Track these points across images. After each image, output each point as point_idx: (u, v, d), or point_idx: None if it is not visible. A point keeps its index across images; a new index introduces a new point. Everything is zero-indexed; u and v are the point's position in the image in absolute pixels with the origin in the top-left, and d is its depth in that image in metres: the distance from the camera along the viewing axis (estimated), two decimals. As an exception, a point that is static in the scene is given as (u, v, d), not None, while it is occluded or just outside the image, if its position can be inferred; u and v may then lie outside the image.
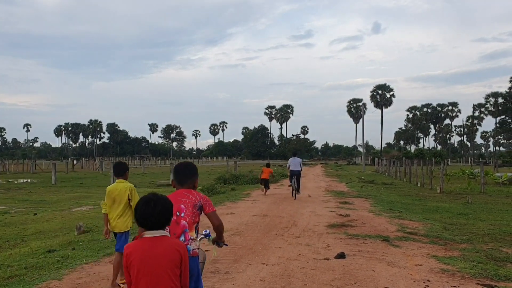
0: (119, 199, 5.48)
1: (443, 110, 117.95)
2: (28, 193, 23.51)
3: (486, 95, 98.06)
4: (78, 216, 13.64)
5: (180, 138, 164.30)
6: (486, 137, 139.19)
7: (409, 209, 14.16)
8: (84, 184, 30.59)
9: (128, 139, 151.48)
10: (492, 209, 14.31)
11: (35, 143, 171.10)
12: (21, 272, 6.40)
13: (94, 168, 58.51)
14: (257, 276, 5.95)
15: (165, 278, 2.41)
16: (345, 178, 33.83)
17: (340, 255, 7.04)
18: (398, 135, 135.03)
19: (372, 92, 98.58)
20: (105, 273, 6.14)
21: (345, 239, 8.64)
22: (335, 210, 13.15)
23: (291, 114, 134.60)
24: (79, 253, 7.53)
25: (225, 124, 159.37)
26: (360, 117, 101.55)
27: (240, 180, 26.53)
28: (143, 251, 2.44)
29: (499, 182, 25.39)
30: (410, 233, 9.29)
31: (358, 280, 5.80)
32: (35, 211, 15.43)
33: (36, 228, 11.59)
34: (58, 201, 19.11)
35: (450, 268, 6.42)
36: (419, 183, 26.85)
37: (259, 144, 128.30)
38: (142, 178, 37.46)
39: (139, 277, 2.42)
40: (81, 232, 9.97)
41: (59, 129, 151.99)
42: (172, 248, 2.48)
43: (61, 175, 38.71)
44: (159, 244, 2.47)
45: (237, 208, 13.48)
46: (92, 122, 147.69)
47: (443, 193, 20.63)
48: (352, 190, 21.06)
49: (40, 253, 7.86)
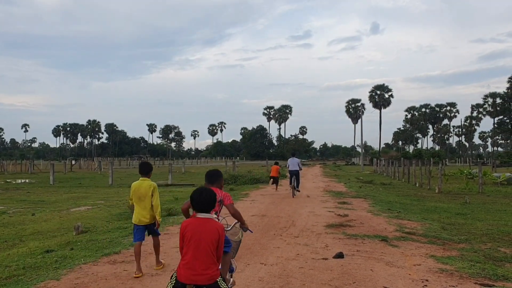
0: (144, 195, 6.11)
1: (441, 110, 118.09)
2: (26, 193, 23.46)
3: (484, 95, 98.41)
4: (77, 217, 13.62)
5: (178, 138, 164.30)
6: (484, 137, 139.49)
7: (408, 209, 14.18)
8: (82, 185, 30.55)
9: (127, 139, 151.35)
10: (490, 209, 14.34)
11: (33, 144, 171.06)
12: (19, 272, 6.39)
13: (93, 168, 58.44)
14: (256, 276, 5.95)
15: (206, 248, 3.32)
16: (343, 178, 33.85)
17: (339, 255, 7.05)
18: (396, 135, 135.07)
19: (371, 92, 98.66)
20: (103, 273, 6.13)
21: (343, 239, 8.65)
22: (333, 210, 13.15)
23: (289, 115, 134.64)
24: (77, 253, 7.52)
25: (223, 124, 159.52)
26: (358, 117, 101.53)
27: (239, 180, 26.53)
28: (194, 227, 3.37)
29: (497, 182, 25.45)
30: (409, 233, 9.31)
31: (356, 279, 5.80)
32: (33, 211, 15.39)
33: (34, 229, 11.56)
34: (56, 201, 19.07)
35: (449, 268, 6.43)
36: (418, 183, 26.89)
37: (258, 144, 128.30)
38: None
39: (189, 244, 3.34)
40: (79, 232, 9.95)
41: (57, 129, 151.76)
42: (213, 228, 3.39)
43: (59, 176, 38.65)
44: (205, 223, 3.40)
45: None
46: (90, 122, 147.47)
47: (442, 193, 20.66)
48: (350, 190, 21.08)
49: (38, 253, 7.85)
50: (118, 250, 7.55)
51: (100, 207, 16.33)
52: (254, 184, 25.14)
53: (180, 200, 17.18)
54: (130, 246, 7.86)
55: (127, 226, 10.63)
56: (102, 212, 14.66)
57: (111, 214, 13.64)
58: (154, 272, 6.19)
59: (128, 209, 13.52)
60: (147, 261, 6.83)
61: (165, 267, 6.44)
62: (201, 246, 3.33)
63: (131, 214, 6.42)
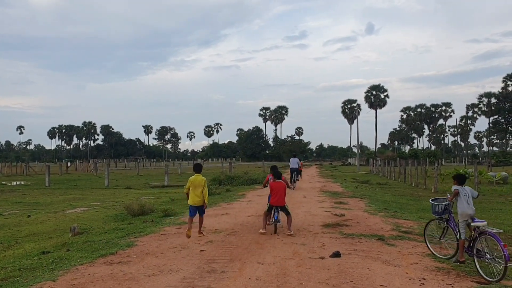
0: (198, 185, 8.82)
1: (436, 110, 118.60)
2: (22, 195, 23.36)
3: (479, 95, 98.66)
4: (72, 218, 13.57)
5: (174, 139, 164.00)
6: (479, 137, 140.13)
7: (404, 209, 14.23)
8: (78, 186, 30.45)
9: (123, 141, 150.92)
10: (486, 208, 14.41)
11: (29, 146, 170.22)
12: (15, 273, 6.36)
13: (88, 170, 58.19)
14: (253, 275, 5.95)
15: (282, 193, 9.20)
16: (340, 178, 33.91)
17: (336, 254, 7.05)
18: (392, 135, 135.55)
19: (367, 93, 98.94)
20: (100, 274, 6.11)
21: (340, 239, 8.67)
22: (330, 210, 13.17)
23: (285, 115, 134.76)
24: (73, 254, 7.49)
25: (219, 125, 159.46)
26: (354, 118, 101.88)
27: (235, 181, 26.50)
28: (275, 184, 9.33)
29: (493, 181, 25.56)
30: (405, 232, 9.34)
31: (353, 278, 5.81)
32: (29, 213, 15.34)
33: (30, 230, 11.52)
34: (52, 203, 19.00)
35: (445, 267, 6.46)
36: (414, 183, 26.98)
37: (254, 145, 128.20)
38: (137, 179, 37.37)
39: (274, 191, 9.19)
40: (76, 234, 9.92)
41: (52, 131, 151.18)
42: (283, 184, 9.38)
43: (55, 177, 38.48)
44: (280, 183, 9.35)
45: (233, 209, 13.47)
46: (86, 124, 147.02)
47: (438, 193, 20.73)
48: (347, 190, 21.11)
49: (34, 254, 7.82)
50: (115, 251, 7.52)
51: (96, 208, 16.28)
52: (250, 185, 25.12)
53: (176, 201, 17.14)
54: (126, 247, 7.87)
55: (124, 227, 10.62)
56: (98, 213, 14.62)
57: (107, 216, 13.61)
58: (151, 272, 6.17)
59: (124, 210, 13.61)
60: (144, 261, 6.82)
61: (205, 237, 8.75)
62: (279, 192, 9.09)
63: (187, 199, 9.12)
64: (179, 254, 7.31)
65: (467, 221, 6.56)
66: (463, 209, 6.59)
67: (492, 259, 6.01)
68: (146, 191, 25.24)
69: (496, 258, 5.96)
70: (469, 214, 6.54)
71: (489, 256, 6.06)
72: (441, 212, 7.15)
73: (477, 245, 6.29)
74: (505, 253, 5.67)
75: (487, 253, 6.13)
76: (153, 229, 9.86)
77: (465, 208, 6.58)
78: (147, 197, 19.82)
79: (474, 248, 6.33)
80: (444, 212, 7.11)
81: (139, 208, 13.11)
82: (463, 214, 6.58)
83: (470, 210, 6.56)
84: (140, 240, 8.62)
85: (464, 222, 6.59)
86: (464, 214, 6.57)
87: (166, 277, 5.91)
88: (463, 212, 6.58)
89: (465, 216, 6.57)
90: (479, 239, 6.28)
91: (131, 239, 8.75)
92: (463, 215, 6.58)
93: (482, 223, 6.33)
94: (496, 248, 5.99)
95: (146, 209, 13.18)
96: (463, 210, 6.59)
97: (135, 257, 7.14)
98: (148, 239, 8.69)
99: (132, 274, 6.07)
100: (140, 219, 12.07)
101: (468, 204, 6.59)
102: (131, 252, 7.53)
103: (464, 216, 6.58)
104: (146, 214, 12.79)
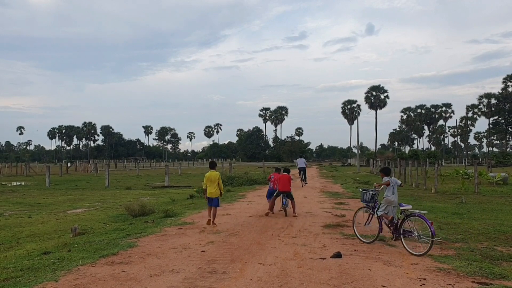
0: (214, 180, 10.48)
1: (436, 111, 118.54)
2: (22, 195, 23.37)
3: (479, 96, 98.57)
4: (73, 219, 13.59)
5: (174, 140, 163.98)
6: (479, 137, 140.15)
7: (404, 209, 14.21)
8: (78, 187, 30.45)
9: (123, 141, 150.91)
10: (486, 209, 14.41)
11: (29, 146, 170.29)
12: (17, 274, 6.38)
13: (89, 170, 58.19)
14: (254, 276, 5.96)
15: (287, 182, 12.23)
16: (340, 179, 33.91)
17: (337, 255, 7.07)
18: (392, 136, 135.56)
19: (366, 93, 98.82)
20: (101, 274, 6.13)
21: (341, 239, 8.69)
22: (330, 210, 13.19)
23: (285, 116, 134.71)
24: (75, 254, 7.51)
25: (219, 126, 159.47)
26: (354, 118, 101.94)
27: (236, 181, 26.51)
28: (281, 175, 12.48)
29: (493, 182, 25.55)
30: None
31: (354, 279, 5.82)
32: (30, 213, 15.35)
33: (31, 231, 11.54)
34: (53, 203, 19.01)
35: (446, 267, 6.47)
36: (414, 184, 26.98)
37: (254, 146, 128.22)
38: (137, 180, 37.36)
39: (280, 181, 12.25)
40: (77, 234, 9.93)
41: (53, 131, 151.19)
42: (287, 176, 12.46)
43: (55, 178, 38.50)
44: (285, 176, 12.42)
45: (233, 210, 13.49)
46: (86, 125, 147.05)
47: (438, 193, 20.74)
48: (347, 191, 21.13)
49: (36, 255, 7.83)
50: (116, 251, 7.55)
51: (97, 209, 16.30)
52: (251, 185, 25.13)
53: (177, 201, 17.17)
54: (128, 248, 7.89)
55: (124, 228, 10.64)
56: (99, 214, 14.63)
57: (108, 216, 13.62)
58: (153, 272, 6.19)
59: (125, 210, 13.62)
60: (145, 262, 6.84)
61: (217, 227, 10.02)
62: (285, 181, 12.15)
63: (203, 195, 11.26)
64: (180, 255, 7.33)
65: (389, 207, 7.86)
66: (389, 197, 7.85)
67: (418, 236, 7.19)
68: (146, 191, 25.23)
69: (422, 236, 7.15)
70: (392, 201, 7.81)
71: (416, 234, 7.24)
72: (368, 200, 8.33)
73: (404, 225, 7.49)
74: (431, 229, 6.87)
75: (415, 231, 7.29)
76: (154, 230, 9.88)
77: (390, 196, 7.85)
78: (148, 198, 19.83)
79: (401, 228, 7.54)
80: (371, 201, 8.29)
81: (139, 208, 13.13)
82: (388, 200, 7.84)
83: (395, 198, 7.85)
84: (141, 240, 8.64)
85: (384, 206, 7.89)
86: (389, 201, 7.82)
87: (167, 278, 5.93)
88: (388, 199, 7.84)
89: (389, 203, 7.84)
90: (407, 220, 7.46)
91: (132, 239, 8.77)
92: (388, 201, 7.84)
93: (408, 207, 7.68)
94: (422, 226, 7.22)
95: (146, 209, 13.19)
96: (388, 198, 7.84)
97: (136, 257, 7.16)
98: (149, 240, 8.71)
99: (133, 275, 6.09)
100: (141, 219, 12.09)
101: (393, 193, 7.86)
102: (133, 252, 7.55)
103: (388, 202, 7.84)
104: (147, 215, 12.81)
